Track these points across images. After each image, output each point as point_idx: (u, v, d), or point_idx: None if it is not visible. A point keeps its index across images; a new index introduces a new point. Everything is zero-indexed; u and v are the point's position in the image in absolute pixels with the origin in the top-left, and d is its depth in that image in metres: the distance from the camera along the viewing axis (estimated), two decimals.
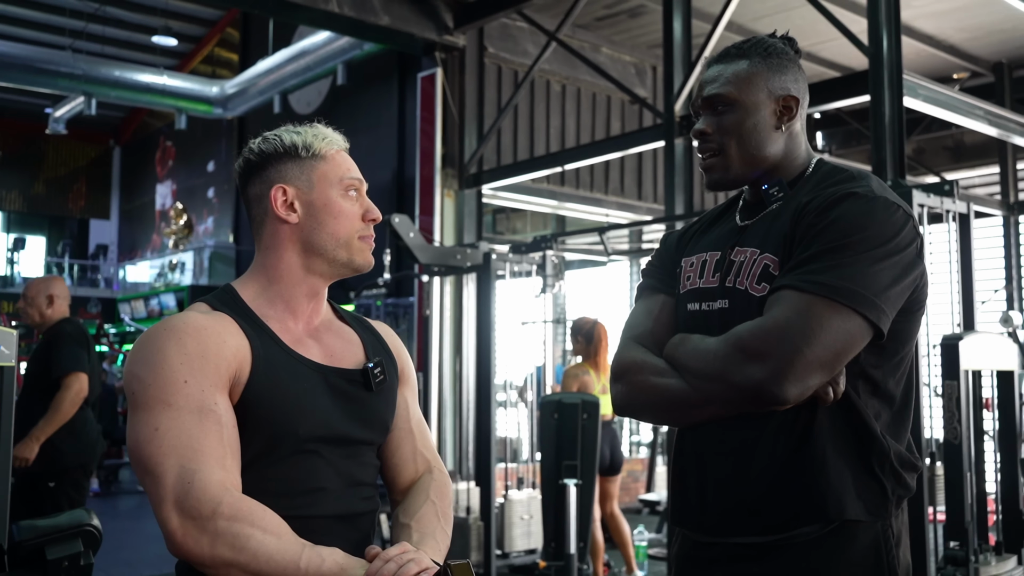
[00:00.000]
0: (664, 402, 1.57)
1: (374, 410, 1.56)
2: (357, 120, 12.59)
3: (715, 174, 1.67)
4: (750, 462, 1.54)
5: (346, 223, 1.52)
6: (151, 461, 1.34)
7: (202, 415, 1.36)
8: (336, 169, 1.53)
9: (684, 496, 1.64)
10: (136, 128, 21.73)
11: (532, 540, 6.51)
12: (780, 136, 1.65)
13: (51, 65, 12.84)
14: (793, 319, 1.44)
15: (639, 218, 9.39)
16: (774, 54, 1.65)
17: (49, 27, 16.32)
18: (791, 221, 1.56)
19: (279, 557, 1.29)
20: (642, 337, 1.66)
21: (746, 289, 1.56)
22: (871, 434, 1.52)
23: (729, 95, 1.63)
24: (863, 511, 1.50)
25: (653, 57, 9.74)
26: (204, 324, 1.43)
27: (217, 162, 17.48)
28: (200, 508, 1.30)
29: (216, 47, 17.92)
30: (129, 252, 21.46)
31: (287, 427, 1.42)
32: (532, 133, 9.01)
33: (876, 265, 1.46)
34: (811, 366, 1.42)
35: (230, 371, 1.41)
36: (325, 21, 8.31)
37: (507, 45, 8.83)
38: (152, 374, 1.38)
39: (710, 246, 1.68)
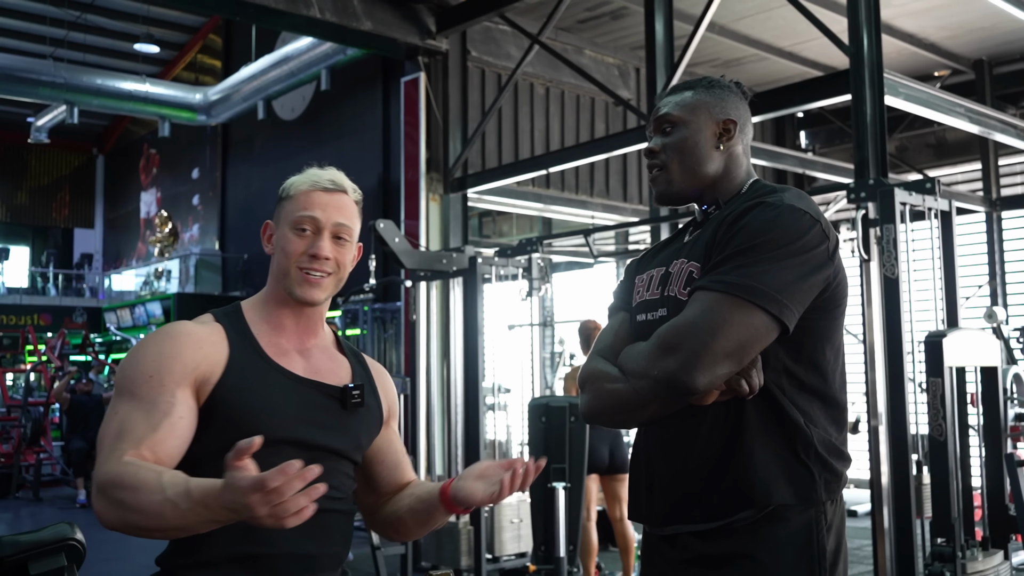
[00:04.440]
0: (615, 405, 1.73)
1: (346, 426, 1.70)
2: (342, 125, 12.59)
3: (659, 187, 1.85)
4: (687, 456, 1.69)
5: (288, 255, 1.67)
6: (99, 443, 1.53)
7: (154, 406, 1.53)
8: (295, 207, 1.68)
9: (636, 491, 1.80)
10: (119, 136, 21.64)
11: (522, 544, 6.50)
12: (719, 156, 1.81)
13: (32, 74, 12.77)
14: (700, 315, 1.59)
15: (625, 220, 9.40)
16: (717, 87, 1.84)
17: (30, 36, 16.25)
18: (712, 231, 1.72)
19: (150, 510, 1.39)
20: (604, 350, 1.83)
21: (675, 295, 1.72)
22: (794, 424, 1.65)
23: (673, 116, 1.81)
24: (792, 495, 1.63)
25: (636, 59, 9.76)
26: (188, 330, 1.63)
27: (202, 169, 17.42)
28: (98, 479, 1.46)
29: (199, 54, 17.87)
30: (114, 261, 21.35)
31: (249, 425, 1.52)
32: (516, 136, 9.02)
33: (778, 264, 1.60)
34: (717, 357, 1.56)
35: (198, 372, 1.58)
36: (307, 27, 8.29)
37: (490, 48, 8.84)
38: (130, 368, 1.58)
39: (659, 263, 1.84)
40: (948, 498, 3.85)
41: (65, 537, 2.44)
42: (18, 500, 10.40)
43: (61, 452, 11.20)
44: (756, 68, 9.93)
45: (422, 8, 8.23)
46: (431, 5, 8.25)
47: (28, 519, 9.22)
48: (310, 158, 7.80)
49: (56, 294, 20.29)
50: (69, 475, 10.84)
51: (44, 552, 2.42)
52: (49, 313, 18.27)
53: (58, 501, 10.28)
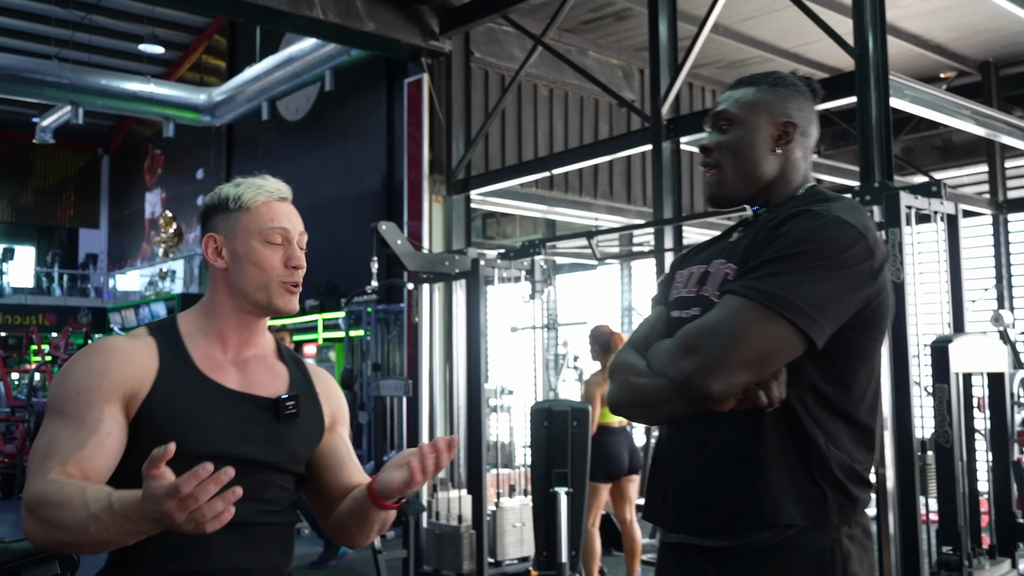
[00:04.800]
0: (636, 400, 1.70)
1: (281, 438, 1.68)
2: (346, 126, 12.57)
3: (712, 188, 1.81)
4: (699, 461, 1.66)
5: (265, 269, 1.67)
6: (30, 461, 1.55)
7: (81, 423, 1.53)
8: (258, 220, 1.67)
9: (652, 492, 1.78)
10: (124, 136, 21.65)
11: (525, 548, 6.47)
12: (775, 159, 1.75)
13: (37, 74, 12.76)
14: (723, 320, 1.55)
15: (629, 221, 9.36)
16: (782, 85, 1.77)
17: (35, 36, 16.26)
18: (753, 235, 1.68)
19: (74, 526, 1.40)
20: (637, 342, 1.78)
21: (709, 296, 1.69)
22: (812, 443, 1.59)
23: (731, 114, 1.76)
24: (801, 515, 1.57)
25: (640, 60, 9.72)
26: (117, 346, 1.63)
27: (206, 169, 17.42)
28: (26, 497, 1.47)
29: (203, 54, 17.86)
30: (119, 261, 21.36)
31: (177, 440, 1.46)
32: (520, 137, 8.98)
33: (814, 276, 1.53)
34: (734, 364, 1.52)
35: (126, 387, 1.58)
36: (310, 28, 8.26)
37: (493, 50, 8.80)
38: (60, 386, 1.59)
39: (701, 260, 1.80)
40: (954, 505, 3.81)
41: None
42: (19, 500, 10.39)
43: None
44: (760, 70, 9.83)
45: (425, 9, 8.20)
46: (434, 6, 8.22)
47: None
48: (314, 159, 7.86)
49: (61, 294, 20.32)
50: None
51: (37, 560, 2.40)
52: (54, 313, 18.29)
53: None
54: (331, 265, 11.82)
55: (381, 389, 7.22)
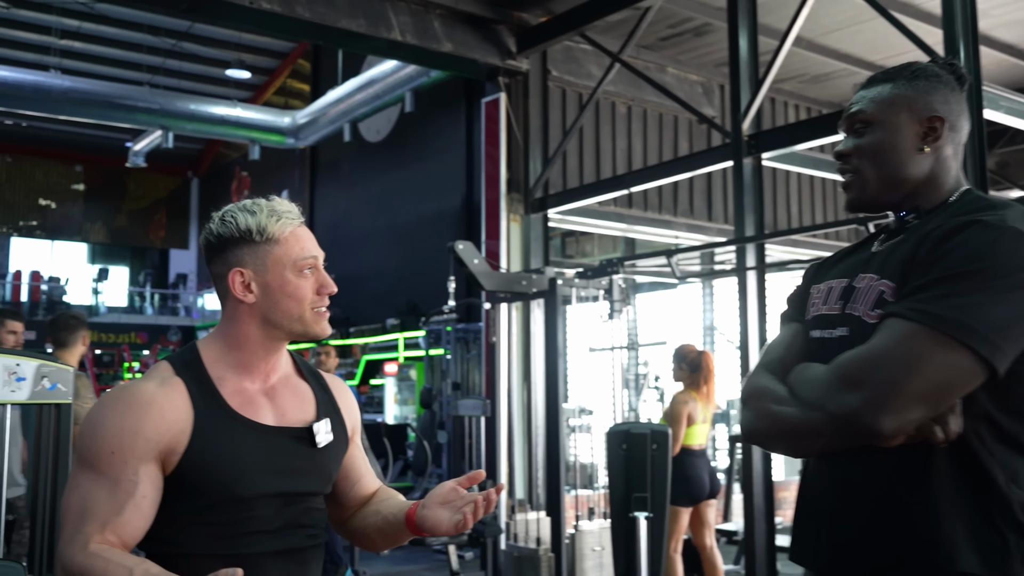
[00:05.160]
0: (780, 431, 1.54)
1: (317, 464, 1.69)
2: (426, 146, 12.68)
3: (851, 194, 1.66)
4: (860, 499, 1.50)
5: (300, 300, 1.64)
6: (62, 515, 1.54)
7: (116, 484, 1.52)
8: (290, 251, 1.63)
9: (801, 530, 1.62)
10: (213, 159, 22.26)
11: (604, 572, 6.36)
12: (923, 158, 1.60)
13: (130, 100, 13.20)
14: (894, 348, 1.38)
15: (709, 239, 9.20)
16: (923, 76, 1.61)
17: (128, 64, 16.84)
18: (912, 247, 1.49)
19: None
20: (772, 364, 1.64)
21: (860, 315, 1.52)
22: (991, 481, 1.42)
23: (867, 114, 1.62)
24: (978, 564, 1.40)
25: (720, 75, 9.57)
26: (151, 398, 1.56)
27: (291, 191, 17.74)
28: (65, 565, 1.48)
29: (288, 78, 18.26)
30: (207, 281, 21.90)
31: (225, 488, 1.56)
32: (598, 155, 8.92)
33: (994, 298, 1.37)
34: (909, 399, 1.36)
35: (162, 445, 1.55)
36: (388, 50, 8.35)
37: (571, 68, 8.77)
38: (91, 437, 1.55)
39: (840, 273, 1.65)
40: None
41: None
42: None
43: None
44: (845, 83, 9.65)
45: (502, 29, 8.21)
46: (511, 25, 8.22)
47: None
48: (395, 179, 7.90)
49: (153, 313, 20.92)
50: None
51: None
52: (145, 331, 18.81)
53: None
54: (411, 284, 11.91)
55: (460, 408, 7.21)
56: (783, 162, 7.15)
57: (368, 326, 12.95)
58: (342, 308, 14.98)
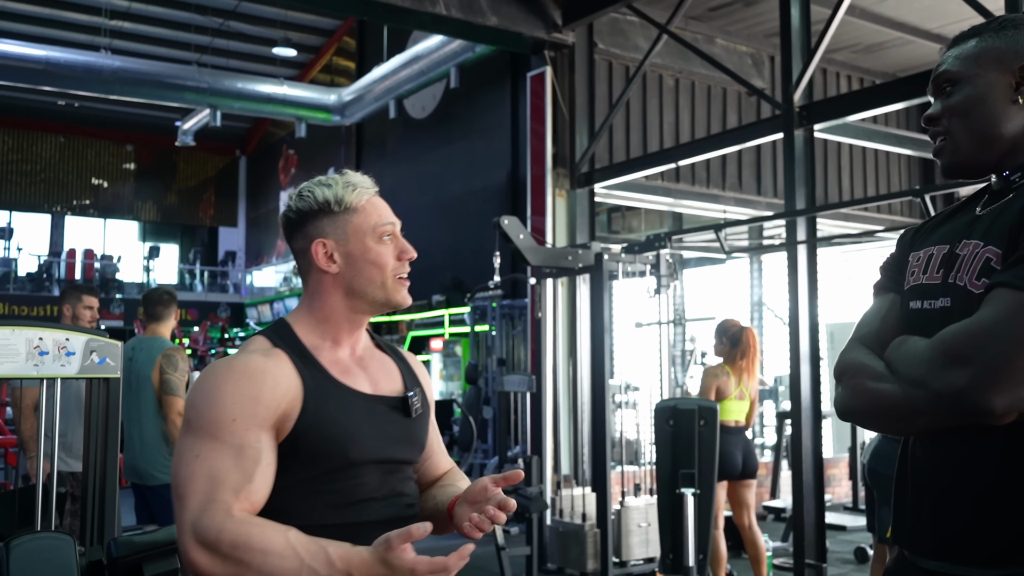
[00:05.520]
0: (878, 409, 1.47)
1: (411, 433, 1.73)
2: (471, 122, 12.64)
3: (944, 158, 1.56)
4: (968, 480, 1.41)
5: (382, 267, 1.67)
6: (182, 485, 1.49)
7: (240, 451, 1.51)
8: (369, 218, 1.67)
9: (901, 512, 1.55)
10: (260, 138, 22.43)
11: (650, 548, 6.33)
12: (1018, 111, 1.48)
13: (178, 80, 13.33)
14: (1003, 321, 1.29)
15: (758, 214, 9.06)
16: (1011, 26, 1.51)
17: (176, 43, 16.99)
18: (1020, 210, 1.38)
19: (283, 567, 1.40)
20: (867, 338, 1.56)
21: (965, 285, 1.42)
22: None
23: (953, 72, 1.53)
24: None
25: (771, 46, 9.39)
26: (263, 367, 1.58)
27: (337, 167, 17.79)
28: (207, 534, 1.42)
29: (334, 56, 18.30)
30: (255, 258, 22.15)
31: (338, 454, 1.59)
32: (645, 129, 8.80)
33: None
34: (1021, 375, 1.27)
35: (279, 412, 1.55)
36: (433, 24, 8.30)
37: (617, 40, 8.65)
38: (207, 407, 1.54)
39: (940, 239, 1.54)
40: None
41: None
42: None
43: None
44: (900, 52, 9.42)
45: (548, 1, 8.12)
46: None
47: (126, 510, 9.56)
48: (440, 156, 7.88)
49: (202, 290, 21.22)
50: None
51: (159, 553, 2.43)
52: (196, 308, 19.08)
53: None
54: (457, 261, 11.91)
55: (505, 384, 7.19)
56: (834, 133, 6.99)
57: (414, 302, 12.96)
58: None
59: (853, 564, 6.86)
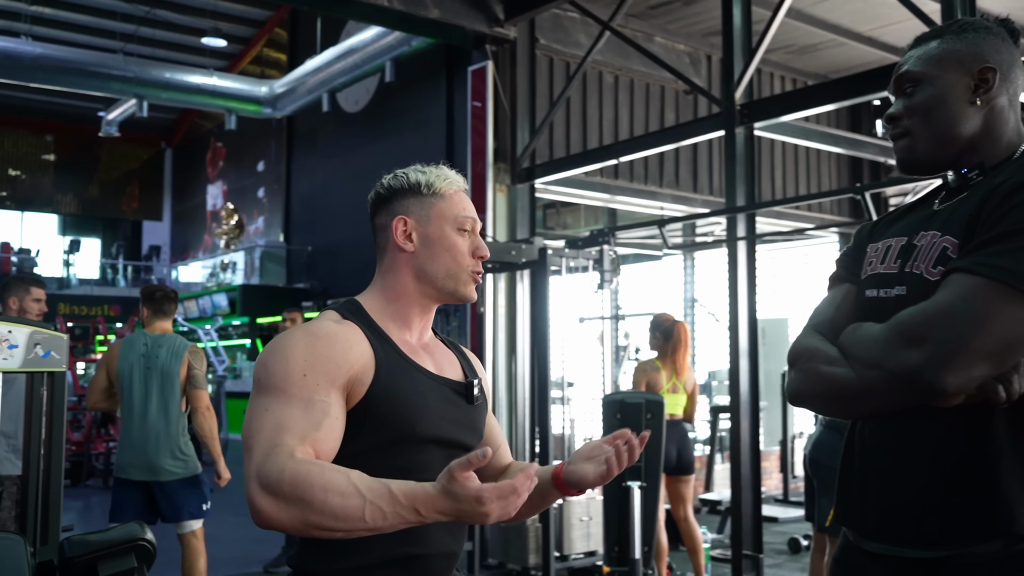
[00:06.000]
0: (830, 391, 1.50)
1: (472, 419, 1.75)
2: (405, 117, 12.54)
3: (902, 154, 1.61)
4: (913, 461, 1.46)
5: (457, 257, 1.70)
6: (251, 437, 1.49)
7: (309, 403, 1.51)
8: (452, 208, 1.71)
9: (847, 495, 1.59)
10: (187, 130, 21.96)
11: (591, 542, 6.36)
12: (976, 112, 1.54)
13: (103, 68, 12.96)
14: (958, 303, 1.33)
15: (694, 210, 9.17)
16: (971, 30, 1.57)
17: (101, 31, 16.52)
18: (978, 203, 1.43)
19: (344, 514, 1.37)
20: (821, 325, 1.60)
21: (921, 273, 1.47)
22: None
23: (915, 73, 1.58)
24: None
25: (708, 45, 9.51)
26: (335, 331, 1.61)
27: (267, 162, 17.55)
28: (269, 477, 1.40)
29: (264, 47, 18.01)
30: (181, 253, 21.68)
31: (406, 425, 1.61)
32: (585, 125, 8.84)
33: None
34: (974, 356, 1.31)
35: (351, 373, 1.58)
36: (374, 15, 8.21)
37: (559, 36, 8.67)
38: (278, 365, 1.54)
39: (899, 232, 1.60)
40: None
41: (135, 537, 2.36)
42: (88, 488, 10.54)
43: None
44: (833, 54, 9.62)
45: None
46: None
47: (98, 507, 9.32)
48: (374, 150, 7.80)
49: (125, 285, 20.68)
50: None
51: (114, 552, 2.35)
52: (119, 304, 18.60)
53: None
54: None
55: None
56: (772, 132, 7.11)
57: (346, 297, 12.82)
58: (320, 280, 14.87)
59: (787, 554, 7.00)
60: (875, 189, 6.07)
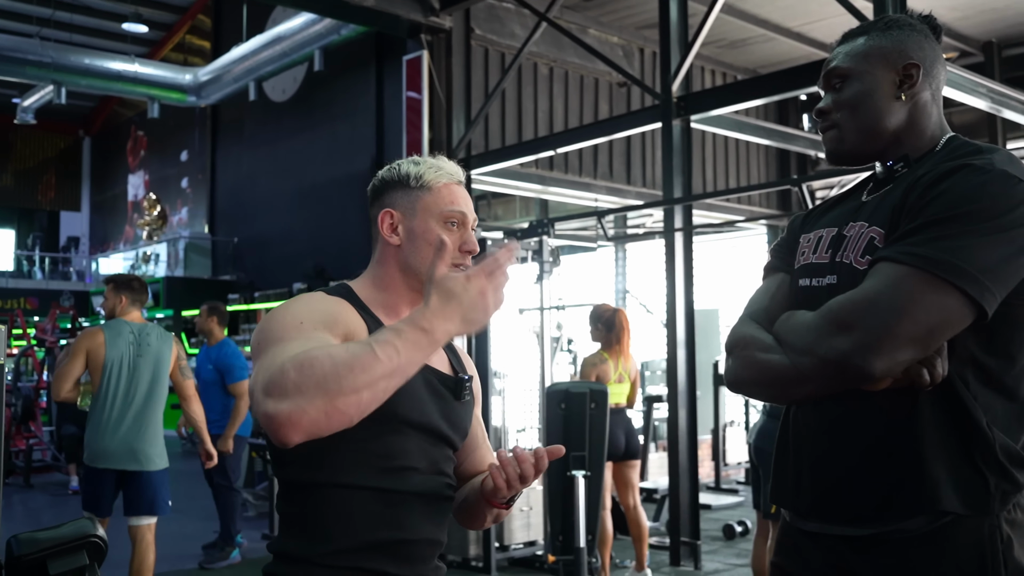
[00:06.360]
0: (766, 378, 1.56)
1: (458, 415, 1.71)
2: (334, 107, 12.36)
3: (831, 147, 1.67)
4: (844, 443, 1.52)
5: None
6: (252, 382, 1.43)
7: (308, 340, 1.45)
8: (439, 201, 1.67)
9: (783, 477, 1.65)
10: (106, 118, 21.34)
11: (531, 532, 6.38)
12: (901, 107, 1.61)
13: (18, 53, 12.48)
14: (884, 291, 1.39)
15: (628, 202, 9.25)
16: (896, 26, 1.64)
17: (15, 14, 15.93)
18: (902, 194, 1.50)
19: (359, 364, 1.32)
20: (757, 314, 1.65)
21: (851, 263, 1.53)
22: (975, 425, 1.44)
23: (843, 68, 1.64)
24: (959, 504, 1.43)
25: (640, 38, 9.59)
26: (329, 299, 1.62)
27: (191, 151, 17.16)
28: (272, 380, 1.35)
29: (187, 34, 17.58)
30: (101, 244, 21.08)
31: (388, 405, 1.48)
32: (520, 116, 8.84)
33: (983, 239, 1.38)
34: (900, 341, 1.37)
35: (346, 330, 1.55)
36: (308, 3, 8.10)
37: (494, 27, 8.65)
38: (275, 324, 1.51)
39: (830, 222, 1.66)
40: None
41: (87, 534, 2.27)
42: (8, 487, 10.19)
43: (51, 438, 11.01)
44: (762, 49, 9.79)
45: None
46: None
47: (19, 506, 9.03)
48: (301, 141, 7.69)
49: (43, 277, 20.03)
50: (60, 461, 10.63)
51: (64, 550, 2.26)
52: (36, 297, 18.02)
53: (49, 488, 10.08)
54: (320, 248, 11.66)
55: None
56: (706, 124, 7.20)
57: (274, 290, 12.64)
58: (247, 272, 14.60)
59: (723, 541, 7.12)
60: (811, 181, 6.19)
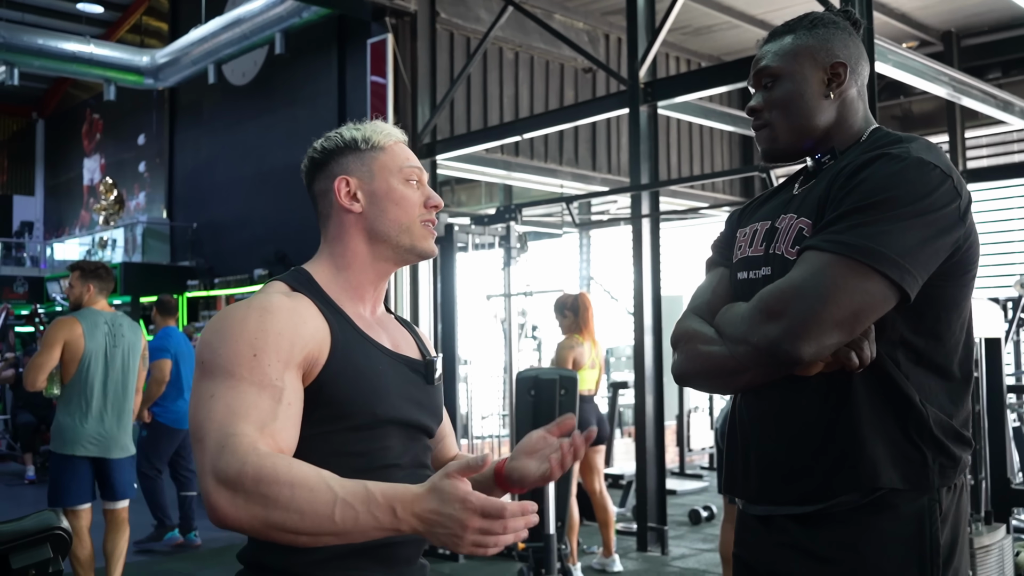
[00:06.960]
0: (710, 369, 1.61)
1: (432, 400, 1.64)
2: (295, 91, 12.20)
3: (764, 145, 1.71)
4: (786, 428, 1.57)
5: (408, 209, 1.59)
6: (199, 428, 1.34)
7: (262, 388, 1.36)
8: (395, 159, 1.60)
9: (732, 464, 1.69)
10: (60, 100, 20.89)
11: None
12: (830, 104, 1.66)
13: None
14: (809, 279, 1.45)
15: (593, 188, 9.24)
16: (821, 25, 1.68)
17: None
18: (827, 185, 1.56)
19: (312, 510, 1.24)
20: (699, 308, 1.70)
21: (782, 254, 1.58)
22: (908, 401, 1.50)
23: (772, 68, 1.68)
24: (899, 479, 1.49)
25: (606, 24, 9.57)
26: (286, 305, 1.46)
27: (148, 135, 16.85)
28: (228, 471, 1.27)
29: (144, 15, 17.24)
30: (56, 229, 20.68)
31: (365, 406, 1.48)
32: (485, 101, 8.78)
33: (901, 224, 1.44)
34: (826, 325, 1.42)
35: (306, 351, 1.43)
36: None
37: (459, 11, 8.57)
38: (224, 345, 1.40)
39: (764, 216, 1.71)
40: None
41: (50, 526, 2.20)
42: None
43: (6, 427, 10.80)
44: (726, 36, 9.81)
45: None
46: None
47: None
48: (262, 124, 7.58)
49: None
50: (16, 450, 10.43)
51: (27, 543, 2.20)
52: None
53: (4, 477, 9.90)
54: (280, 233, 11.51)
55: None
56: (671, 111, 7.19)
57: (234, 276, 12.47)
58: (206, 258, 14.39)
59: (688, 526, 7.16)
60: (776, 168, 6.21)
